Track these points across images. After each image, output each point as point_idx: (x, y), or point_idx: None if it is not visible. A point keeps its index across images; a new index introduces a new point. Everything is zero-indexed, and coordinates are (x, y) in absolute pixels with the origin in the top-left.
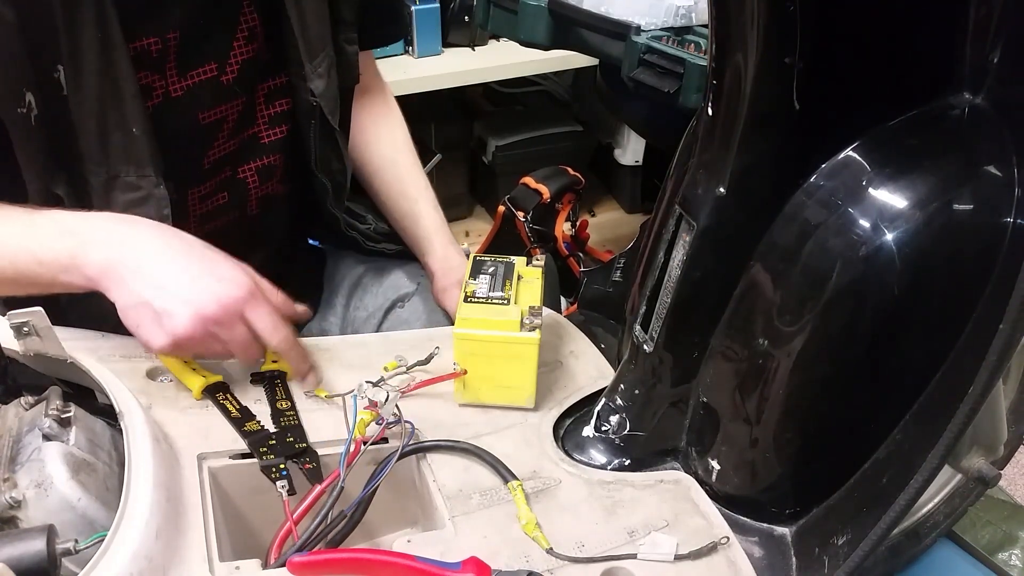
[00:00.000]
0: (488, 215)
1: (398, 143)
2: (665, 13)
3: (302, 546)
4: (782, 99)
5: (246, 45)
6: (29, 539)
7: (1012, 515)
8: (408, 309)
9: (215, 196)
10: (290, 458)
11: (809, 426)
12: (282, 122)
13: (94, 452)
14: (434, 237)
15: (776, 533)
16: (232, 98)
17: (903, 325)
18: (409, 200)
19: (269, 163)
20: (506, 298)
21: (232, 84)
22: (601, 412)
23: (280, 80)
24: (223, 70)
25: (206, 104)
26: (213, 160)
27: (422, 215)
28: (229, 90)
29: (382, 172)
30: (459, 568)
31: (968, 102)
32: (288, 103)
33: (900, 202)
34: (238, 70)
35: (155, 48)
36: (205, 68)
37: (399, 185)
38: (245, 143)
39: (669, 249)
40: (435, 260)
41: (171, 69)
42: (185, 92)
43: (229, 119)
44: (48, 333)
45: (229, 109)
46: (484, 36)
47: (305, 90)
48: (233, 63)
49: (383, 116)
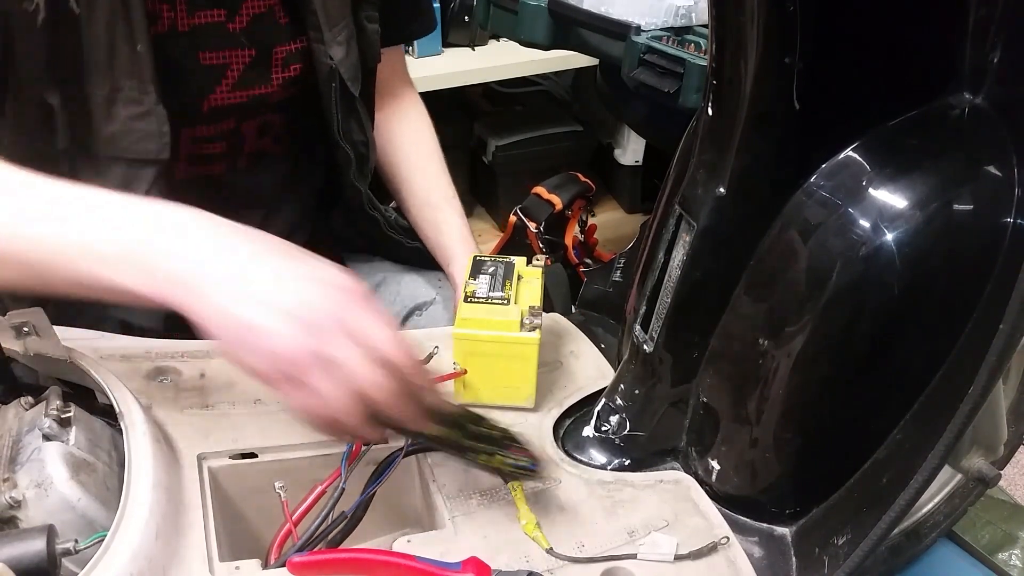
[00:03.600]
0: (488, 215)
1: (427, 147)
2: (665, 13)
3: (302, 546)
4: (782, 99)
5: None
6: (29, 539)
7: (1012, 515)
8: (426, 317)
9: (212, 143)
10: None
11: (809, 426)
12: (294, 85)
13: (94, 452)
14: (457, 248)
15: (776, 533)
16: (237, 47)
17: (903, 325)
18: (434, 208)
19: (270, 121)
20: (506, 298)
21: (238, 33)
22: (601, 412)
23: (298, 44)
24: (231, 18)
25: (209, 46)
26: (215, 106)
27: (447, 224)
28: (234, 38)
29: (411, 180)
30: (459, 568)
31: (968, 102)
32: (301, 68)
33: (900, 202)
34: (248, 22)
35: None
36: (213, 12)
37: (426, 193)
38: (255, 99)
39: (669, 249)
40: (459, 270)
41: (181, 3)
42: (190, 29)
43: (233, 67)
44: (48, 333)
45: (233, 57)
46: (484, 36)
47: (324, 54)
48: (244, 14)
49: (413, 119)
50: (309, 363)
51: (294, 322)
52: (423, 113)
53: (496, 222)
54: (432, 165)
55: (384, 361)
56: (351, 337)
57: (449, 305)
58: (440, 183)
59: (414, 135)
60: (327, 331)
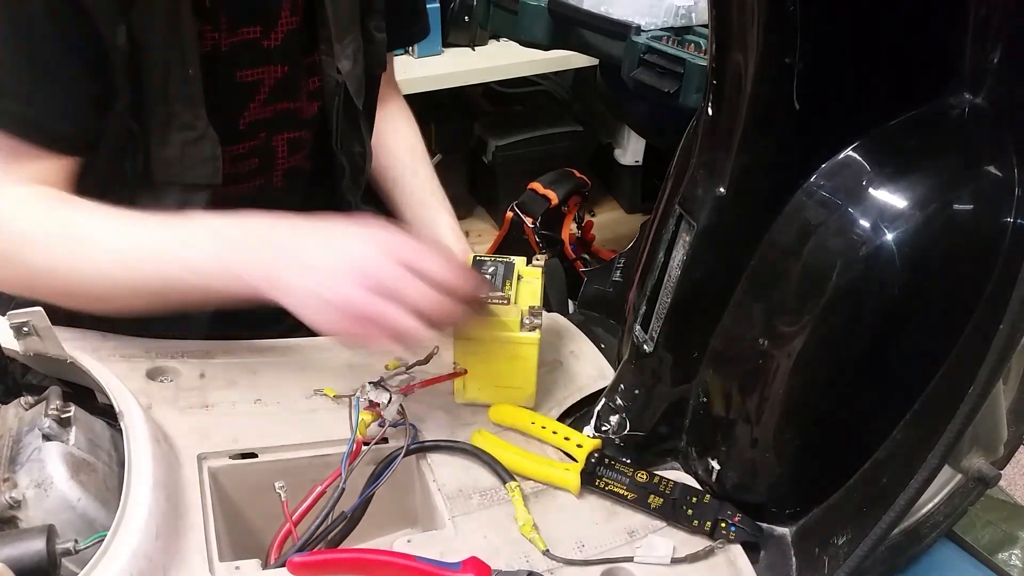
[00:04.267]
0: (488, 215)
1: (415, 149)
2: (665, 13)
3: (302, 546)
4: (782, 99)
5: (291, 16)
6: (29, 539)
7: (1012, 515)
8: None
9: (248, 159)
10: None
11: (809, 426)
12: (315, 99)
13: (94, 452)
14: (456, 247)
15: (776, 533)
16: (270, 62)
17: (903, 325)
18: (427, 208)
19: (300, 137)
20: (506, 298)
21: (273, 50)
22: (601, 412)
23: (315, 58)
24: (267, 35)
25: (245, 63)
26: (249, 122)
27: (439, 224)
28: (269, 55)
29: (402, 180)
30: (459, 568)
31: (968, 102)
32: (319, 80)
33: (900, 202)
34: (282, 38)
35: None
36: (251, 29)
37: (414, 192)
38: (281, 114)
39: (669, 249)
40: None
41: (224, 23)
42: (230, 48)
43: (266, 83)
44: (48, 333)
45: (266, 73)
46: (484, 36)
47: (332, 67)
48: (279, 30)
49: (400, 121)
50: (373, 301)
51: (348, 274)
52: (408, 114)
53: (496, 222)
54: (420, 164)
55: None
56: (402, 266)
57: None
58: (429, 181)
59: (401, 136)
60: (378, 269)
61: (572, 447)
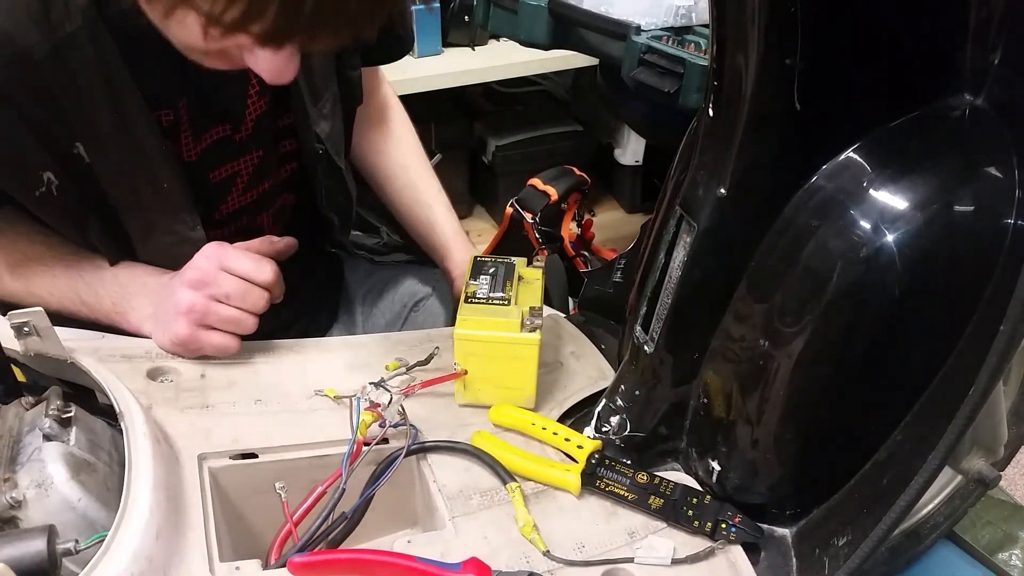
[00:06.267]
0: (488, 215)
1: (409, 148)
2: (665, 13)
3: (303, 546)
4: (782, 100)
5: (259, 100)
6: (29, 539)
7: (1012, 515)
8: (424, 311)
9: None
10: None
11: (810, 427)
12: (290, 160)
13: (94, 452)
14: (451, 243)
15: (776, 534)
16: (244, 153)
17: (904, 326)
18: (424, 206)
19: (282, 205)
20: (506, 299)
21: (246, 140)
22: (601, 413)
23: (286, 121)
24: (237, 129)
25: (217, 163)
26: (227, 213)
27: (438, 221)
28: (242, 147)
29: (394, 179)
30: (459, 569)
31: (968, 103)
32: (293, 143)
33: (901, 203)
34: (252, 126)
35: (167, 119)
36: (219, 128)
37: (412, 192)
38: (263, 195)
39: (670, 250)
40: (456, 266)
41: (186, 136)
42: (199, 155)
43: (243, 174)
44: (48, 333)
45: (241, 164)
46: (484, 36)
47: (310, 134)
48: (248, 120)
49: (393, 121)
50: (206, 306)
51: (184, 287)
52: (401, 111)
53: (496, 221)
54: (418, 165)
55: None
56: (226, 272)
57: (444, 298)
58: (426, 180)
59: (398, 139)
60: (209, 278)
61: (572, 448)
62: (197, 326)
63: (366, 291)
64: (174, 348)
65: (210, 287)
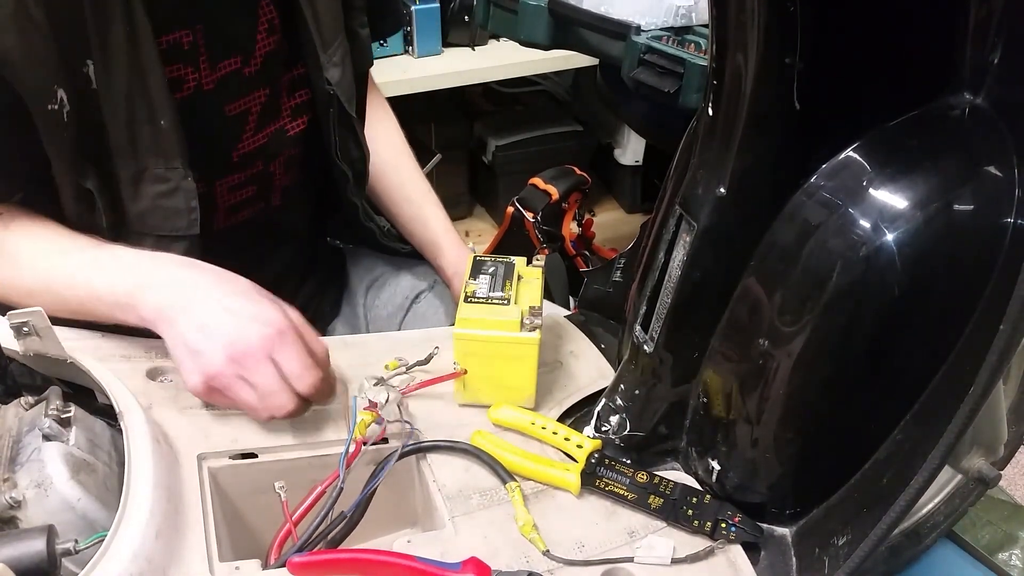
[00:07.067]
0: (488, 215)
1: (397, 146)
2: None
3: (302, 546)
4: (782, 99)
5: (268, 37)
6: (29, 539)
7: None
8: (425, 304)
9: (244, 188)
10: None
11: (809, 426)
12: (303, 112)
13: (94, 452)
14: (443, 240)
15: (776, 534)
16: (253, 89)
17: (903, 325)
18: (414, 204)
19: (293, 155)
20: (506, 298)
21: (255, 75)
22: (601, 412)
23: (299, 71)
24: (247, 62)
25: (231, 96)
26: (243, 153)
27: (430, 218)
28: (251, 81)
29: (384, 176)
30: (459, 568)
31: (968, 102)
32: (307, 93)
33: (900, 202)
34: (261, 62)
35: (187, 40)
36: (232, 60)
37: (402, 189)
38: (273, 137)
39: (669, 249)
40: (449, 264)
41: (204, 61)
42: (216, 85)
43: (253, 111)
44: (48, 333)
45: (251, 101)
46: (484, 36)
47: (322, 80)
48: (257, 55)
49: (380, 120)
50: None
51: (223, 348)
52: (388, 110)
53: (496, 221)
54: (407, 163)
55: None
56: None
57: (441, 292)
58: (415, 177)
59: (385, 136)
60: (252, 359)
61: (572, 447)
62: (212, 390)
63: (368, 283)
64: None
65: (246, 369)
